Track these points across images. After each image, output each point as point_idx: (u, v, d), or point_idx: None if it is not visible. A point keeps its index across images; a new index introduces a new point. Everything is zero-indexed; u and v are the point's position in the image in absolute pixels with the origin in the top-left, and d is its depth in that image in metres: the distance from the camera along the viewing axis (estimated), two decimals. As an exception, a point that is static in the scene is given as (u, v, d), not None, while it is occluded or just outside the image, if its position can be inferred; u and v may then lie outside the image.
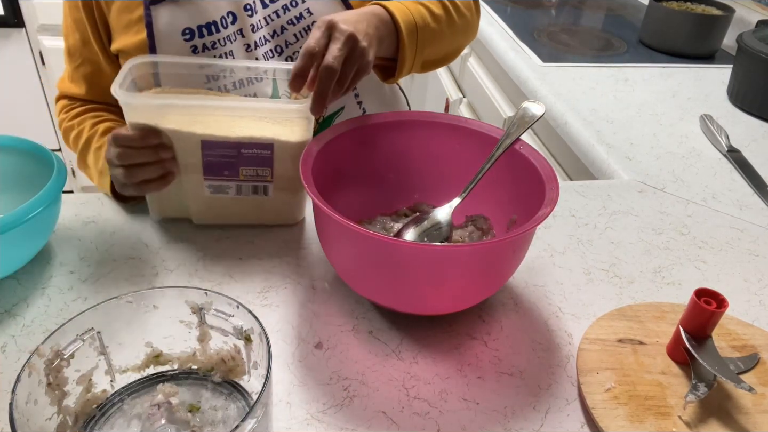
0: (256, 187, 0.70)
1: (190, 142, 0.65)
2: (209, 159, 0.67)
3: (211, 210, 0.72)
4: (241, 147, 0.66)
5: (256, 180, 0.69)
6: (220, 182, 0.69)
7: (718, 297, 0.55)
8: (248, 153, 0.66)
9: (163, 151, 0.65)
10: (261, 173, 0.68)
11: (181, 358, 0.55)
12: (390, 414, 0.54)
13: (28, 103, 2.16)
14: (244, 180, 0.69)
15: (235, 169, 0.68)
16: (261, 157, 0.67)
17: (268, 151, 0.67)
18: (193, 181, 0.69)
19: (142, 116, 0.63)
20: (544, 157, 0.64)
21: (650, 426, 0.52)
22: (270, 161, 0.67)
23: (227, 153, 0.66)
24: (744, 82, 1.17)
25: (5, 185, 0.71)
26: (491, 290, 0.64)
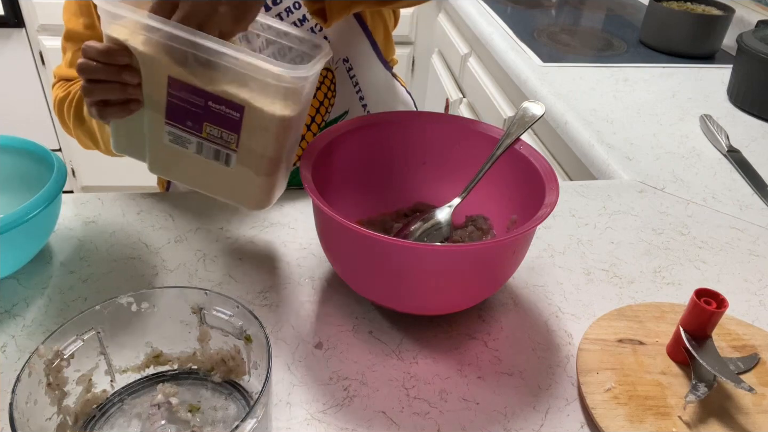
0: (218, 152, 0.61)
1: (158, 74, 0.58)
2: (173, 101, 0.59)
3: (168, 162, 0.65)
4: (210, 99, 0.58)
5: (220, 143, 0.61)
6: (181, 132, 0.61)
7: (718, 297, 0.55)
8: (216, 108, 0.59)
9: (128, 74, 0.58)
10: (226, 137, 0.60)
11: (181, 358, 0.55)
12: (390, 414, 0.54)
13: (28, 103, 2.16)
14: (206, 139, 0.61)
15: (199, 123, 0.60)
16: (228, 118, 0.59)
17: (237, 114, 0.58)
18: (155, 121, 0.61)
19: (116, 29, 0.57)
20: (544, 157, 0.64)
21: (650, 426, 0.52)
22: (237, 127, 0.59)
23: (193, 101, 0.59)
24: (744, 82, 1.17)
25: (5, 185, 0.71)
26: (491, 290, 0.64)
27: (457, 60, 1.75)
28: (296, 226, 0.77)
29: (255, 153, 0.61)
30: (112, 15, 0.56)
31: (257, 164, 0.61)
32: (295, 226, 0.77)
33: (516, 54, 1.37)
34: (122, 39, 0.57)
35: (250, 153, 0.61)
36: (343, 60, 0.80)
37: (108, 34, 0.57)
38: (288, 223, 0.77)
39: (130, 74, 0.58)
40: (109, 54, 0.57)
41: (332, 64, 0.79)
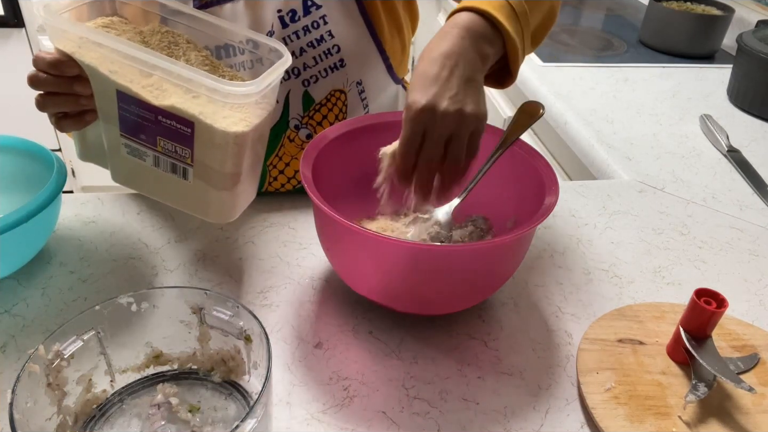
0: (174, 165, 0.59)
1: (107, 87, 0.56)
2: (125, 114, 0.57)
3: (129, 174, 0.63)
4: (159, 113, 0.56)
5: (175, 158, 0.58)
6: (137, 145, 0.59)
7: (718, 297, 0.55)
8: (166, 123, 0.56)
9: (79, 86, 0.56)
10: (180, 152, 0.58)
11: (181, 358, 0.55)
12: (390, 414, 0.54)
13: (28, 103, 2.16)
14: (162, 152, 0.59)
15: (153, 137, 0.58)
16: (180, 133, 0.56)
17: (188, 130, 0.56)
18: (112, 132, 0.60)
19: (63, 42, 0.55)
20: (544, 157, 0.64)
21: (650, 426, 0.52)
22: (190, 142, 0.57)
23: (144, 115, 0.57)
24: (744, 82, 1.17)
25: (5, 185, 0.71)
26: (491, 290, 0.64)
27: (457, 60, 1.74)
28: (296, 226, 0.77)
29: (211, 168, 0.58)
30: (56, 28, 0.55)
31: (215, 179, 0.59)
32: (295, 226, 0.77)
33: (516, 54, 1.36)
34: (69, 52, 0.55)
35: (206, 168, 0.58)
36: (356, 83, 0.79)
37: (56, 46, 0.56)
38: (288, 223, 0.77)
39: (81, 86, 0.56)
40: (59, 66, 0.55)
41: (346, 86, 0.79)
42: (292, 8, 0.73)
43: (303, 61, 0.75)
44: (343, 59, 0.76)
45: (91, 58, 0.56)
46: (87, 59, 0.56)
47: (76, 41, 0.55)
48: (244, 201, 0.65)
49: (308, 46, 0.74)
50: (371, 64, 0.79)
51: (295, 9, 0.73)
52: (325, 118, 0.79)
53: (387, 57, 0.80)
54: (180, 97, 0.55)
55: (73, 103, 0.58)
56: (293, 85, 0.76)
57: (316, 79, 0.76)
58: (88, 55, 0.56)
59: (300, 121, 0.79)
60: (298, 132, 0.79)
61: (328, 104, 0.79)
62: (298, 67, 0.75)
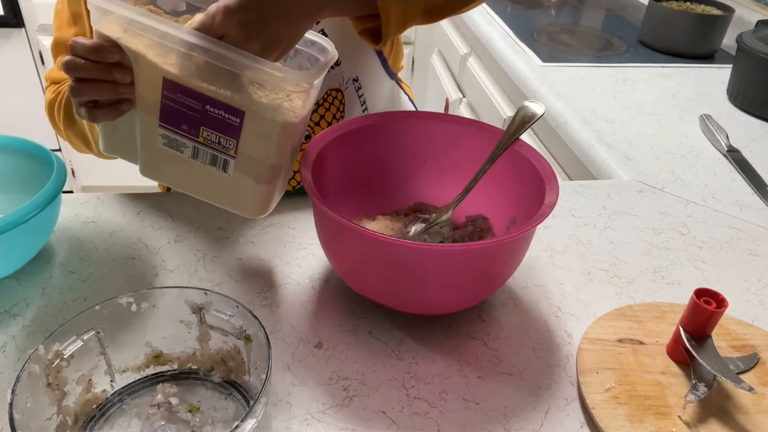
0: (215, 157, 0.58)
1: (152, 74, 0.55)
2: (168, 103, 0.56)
3: (161, 166, 0.61)
4: (208, 103, 0.55)
5: (217, 149, 0.58)
6: (175, 136, 0.58)
7: (718, 297, 0.55)
8: (214, 113, 0.55)
9: (119, 73, 0.54)
10: (224, 143, 0.57)
11: (181, 358, 0.55)
12: (390, 414, 0.54)
13: (28, 103, 2.16)
14: (203, 143, 0.58)
15: (196, 127, 0.57)
16: (227, 123, 0.56)
17: (237, 119, 0.55)
18: (148, 123, 0.58)
19: (108, 26, 0.54)
20: (544, 157, 0.64)
21: (650, 426, 0.52)
22: (237, 132, 0.56)
23: (190, 104, 0.55)
24: (744, 82, 1.17)
25: (5, 185, 0.71)
26: (491, 290, 0.64)
27: (457, 60, 1.75)
28: (296, 226, 0.77)
29: (255, 160, 0.58)
30: (103, 11, 0.53)
31: (257, 171, 0.59)
32: (295, 226, 0.77)
33: (516, 54, 1.37)
34: (114, 37, 0.54)
35: (250, 160, 0.58)
36: (353, 80, 0.79)
37: (98, 31, 0.54)
38: (288, 223, 0.77)
39: (121, 72, 0.54)
40: (99, 51, 0.53)
41: (342, 84, 0.78)
42: None
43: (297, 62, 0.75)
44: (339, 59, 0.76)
45: (137, 44, 0.54)
46: (133, 45, 0.54)
47: (121, 26, 0.53)
48: (278, 196, 0.64)
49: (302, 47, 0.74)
50: (365, 58, 0.79)
51: None
52: (322, 118, 0.79)
53: (381, 50, 0.80)
54: (230, 85, 0.54)
55: (111, 90, 0.55)
56: None
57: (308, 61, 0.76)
58: (134, 41, 0.54)
59: None
60: None
61: (325, 104, 0.79)
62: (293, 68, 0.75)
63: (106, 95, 0.56)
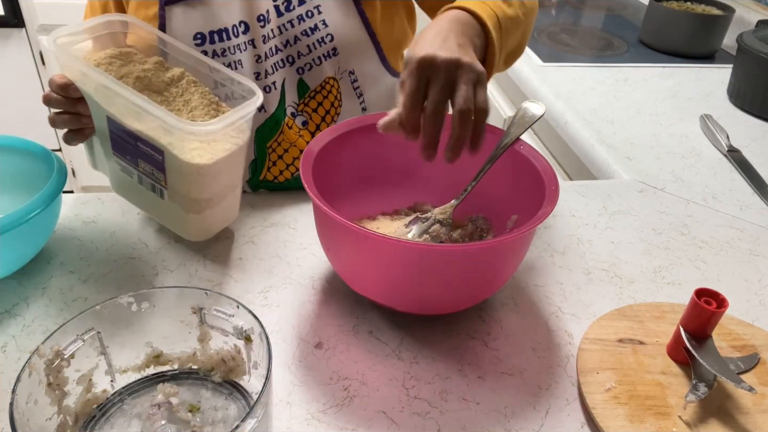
0: (153, 186, 0.67)
1: (100, 112, 0.65)
2: (114, 136, 0.66)
3: (123, 187, 0.72)
4: (138, 140, 0.63)
5: (152, 179, 0.66)
6: (125, 163, 0.68)
7: (718, 297, 0.55)
8: (143, 149, 0.64)
9: (82, 107, 0.66)
10: (156, 175, 0.65)
11: (181, 358, 0.55)
12: (390, 414, 0.54)
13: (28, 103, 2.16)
14: (142, 173, 0.67)
15: (135, 158, 0.66)
16: (154, 159, 0.64)
17: (159, 156, 0.63)
18: (107, 150, 0.68)
19: (69, 71, 0.64)
20: (544, 157, 0.64)
21: (650, 426, 0.52)
22: (162, 167, 0.64)
23: (127, 139, 0.64)
24: (744, 82, 1.17)
25: (5, 185, 0.71)
26: (491, 290, 0.64)
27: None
28: (296, 226, 0.77)
29: (180, 193, 0.65)
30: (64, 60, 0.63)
31: (185, 203, 0.66)
32: (295, 226, 0.77)
33: (516, 54, 1.37)
34: (74, 79, 0.64)
35: (177, 192, 0.65)
36: (349, 72, 0.80)
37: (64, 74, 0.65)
38: (288, 223, 0.77)
39: (83, 107, 0.66)
40: (66, 89, 0.64)
41: (337, 74, 0.79)
42: None
43: (297, 49, 0.77)
44: (335, 48, 0.77)
45: (89, 87, 0.64)
46: (86, 87, 0.64)
47: (78, 71, 0.63)
48: (219, 222, 0.72)
49: (302, 35, 0.76)
50: (364, 53, 0.80)
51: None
52: (320, 105, 0.80)
53: (380, 48, 0.80)
54: (156, 128, 0.62)
55: (77, 121, 0.67)
56: (288, 74, 0.78)
57: (310, 66, 0.77)
58: (88, 84, 0.64)
59: (296, 108, 0.80)
60: (294, 119, 0.80)
61: (322, 92, 0.79)
62: (293, 55, 0.77)
63: (73, 124, 0.68)
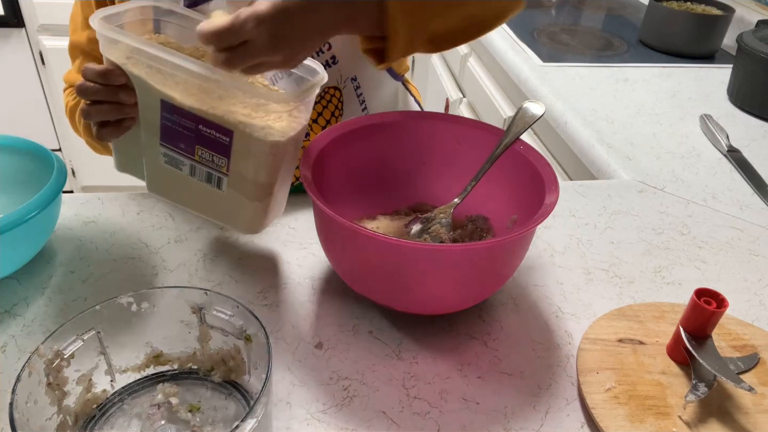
0: (210, 175, 0.62)
1: (151, 96, 0.59)
2: (166, 123, 0.60)
3: (164, 183, 0.66)
4: (200, 122, 0.58)
5: (211, 167, 0.61)
6: (175, 154, 0.62)
7: (718, 297, 0.55)
8: (206, 132, 0.59)
9: (124, 94, 0.59)
10: (217, 161, 0.60)
11: (181, 358, 0.55)
12: (390, 414, 0.54)
13: (28, 103, 2.16)
14: (198, 161, 0.61)
15: (192, 146, 0.60)
16: (218, 142, 0.59)
17: (227, 139, 0.58)
18: (151, 142, 0.63)
19: (114, 53, 0.59)
20: (544, 157, 0.64)
21: (650, 426, 0.52)
22: (227, 151, 0.59)
23: (185, 124, 0.59)
24: (744, 82, 1.17)
25: (5, 185, 0.71)
26: (491, 290, 0.64)
27: (457, 60, 1.75)
28: (296, 226, 0.77)
29: (245, 178, 0.60)
30: (108, 39, 0.58)
31: (248, 189, 0.61)
32: (295, 226, 0.77)
33: (516, 54, 1.37)
34: (119, 63, 0.58)
35: (241, 178, 0.60)
36: (351, 79, 0.79)
37: (106, 57, 0.59)
38: (288, 223, 0.77)
39: (126, 94, 0.59)
40: (106, 75, 0.58)
41: (340, 83, 0.78)
42: None
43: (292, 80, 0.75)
44: (335, 56, 0.76)
45: (139, 70, 0.58)
46: (135, 70, 0.58)
47: (125, 53, 0.58)
48: (273, 213, 0.66)
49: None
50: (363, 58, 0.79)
51: None
52: (320, 116, 0.79)
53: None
54: (221, 106, 0.57)
55: (117, 111, 0.60)
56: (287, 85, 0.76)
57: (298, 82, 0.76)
58: (136, 66, 0.59)
59: None
60: None
61: (322, 101, 0.79)
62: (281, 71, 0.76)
63: (112, 115, 0.61)
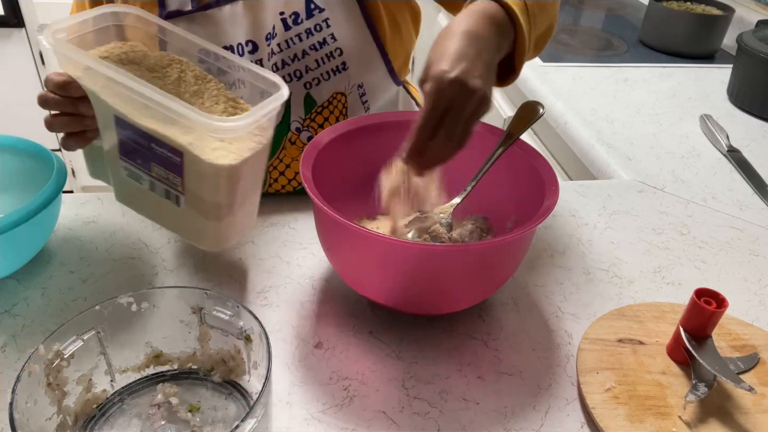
0: (168, 192, 0.60)
1: (107, 111, 0.58)
2: (123, 138, 0.59)
3: (129, 195, 0.65)
4: (152, 141, 0.57)
5: (168, 184, 0.59)
6: (134, 168, 0.61)
7: (718, 297, 0.55)
8: (159, 151, 0.57)
9: (84, 107, 0.59)
10: (172, 179, 0.58)
11: (181, 358, 0.55)
12: (390, 414, 0.54)
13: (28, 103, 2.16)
14: (156, 178, 0.60)
15: (148, 162, 0.59)
16: (171, 161, 0.57)
17: (178, 159, 0.56)
18: (113, 155, 0.61)
19: (69, 67, 0.58)
20: (544, 157, 0.64)
21: (650, 426, 0.52)
22: (180, 170, 0.57)
23: (139, 141, 0.58)
24: (744, 82, 1.17)
25: (5, 185, 0.71)
26: (491, 290, 0.64)
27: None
28: (296, 226, 0.77)
29: (201, 198, 0.59)
30: (65, 55, 0.57)
31: (205, 209, 0.59)
32: (295, 226, 0.77)
33: (516, 54, 1.37)
34: (75, 76, 0.58)
35: (196, 197, 0.59)
36: (358, 86, 0.79)
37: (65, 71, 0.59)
38: (288, 223, 0.77)
39: (85, 106, 0.59)
40: (65, 87, 0.58)
41: (347, 89, 0.78)
42: (294, 11, 0.72)
43: (305, 63, 0.75)
44: (345, 62, 0.76)
45: (93, 84, 0.57)
46: (89, 84, 0.57)
47: (81, 67, 0.58)
48: (237, 231, 0.65)
49: (311, 49, 0.74)
50: (373, 66, 0.79)
51: (298, 12, 0.73)
52: (326, 121, 0.79)
53: (389, 60, 0.80)
54: (172, 126, 0.56)
55: (78, 123, 0.60)
56: (295, 88, 0.76)
57: (318, 81, 0.76)
58: (91, 80, 0.57)
59: (301, 123, 0.79)
60: (299, 134, 0.79)
61: (329, 107, 0.79)
62: (300, 69, 0.75)
63: (74, 127, 0.60)
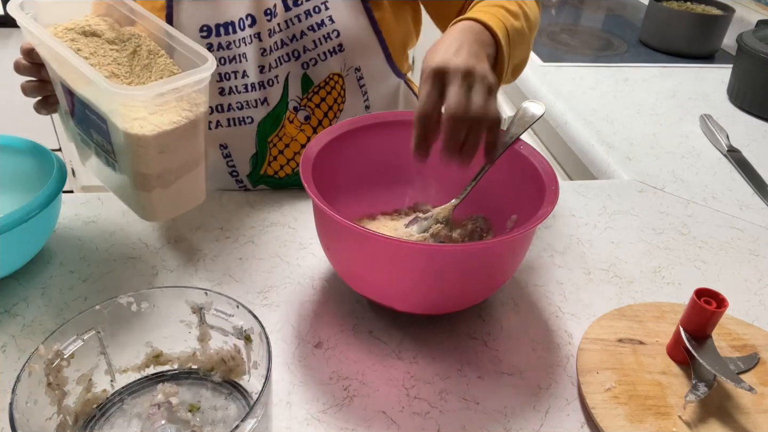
0: (107, 159, 0.61)
1: (55, 78, 0.61)
2: (70, 105, 0.61)
3: (88, 161, 0.67)
4: (87, 107, 0.58)
5: (105, 150, 0.60)
6: (84, 135, 0.63)
7: (718, 297, 0.55)
8: (92, 117, 0.58)
9: (45, 73, 0.63)
10: (106, 146, 0.59)
11: (181, 358, 0.55)
12: (390, 414, 0.54)
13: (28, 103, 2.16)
14: (97, 144, 0.61)
15: (89, 129, 0.60)
16: (102, 128, 0.58)
17: (104, 126, 0.57)
18: (70, 121, 0.64)
19: (29, 37, 0.61)
20: (544, 157, 0.64)
21: (650, 426, 0.52)
22: (108, 137, 0.58)
23: (79, 107, 0.59)
24: (744, 82, 1.17)
25: (5, 185, 0.71)
26: (491, 290, 0.64)
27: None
28: (296, 226, 0.77)
29: (126, 166, 0.59)
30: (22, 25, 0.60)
31: (131, 178, 0.59)
32: (295, 226, 0.77)
33: (516, 54, 1.37)
34: (33, 43, 0.62)
35: (124, 166, 0.59)
36: (355, 69, 0.80)
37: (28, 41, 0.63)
38: (288, 223, 0.77)
39: (46, 72, 0.63)
40: (30, 54, 0.63)
41: (343, 70, 0.79)
42: None
43: (303, 44, 0.77)
44: (341, 44, 0.77)
45: (45, 53, 0.61)
46: (42, 53, 0.62)
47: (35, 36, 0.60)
48: (176, 204, 0.64)
49: (309, 30, 0.76)
50: (370, 51, 0.80)
51: None
52: (323, 101, 0.80)
53: (386, 46, 0.81)
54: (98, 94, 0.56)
55: (43, 88, 0.66)
56: (293, 68, 0.78)
57: (315, 62, 0.77)
58: (43, 49, 0.61)
59: (299, 103, 0.80)
60: (296, 114, 0.80)
61: (326, 87, 0.80)
62: (298, 49, 0.77)
63: (39, 92, 0.66)
